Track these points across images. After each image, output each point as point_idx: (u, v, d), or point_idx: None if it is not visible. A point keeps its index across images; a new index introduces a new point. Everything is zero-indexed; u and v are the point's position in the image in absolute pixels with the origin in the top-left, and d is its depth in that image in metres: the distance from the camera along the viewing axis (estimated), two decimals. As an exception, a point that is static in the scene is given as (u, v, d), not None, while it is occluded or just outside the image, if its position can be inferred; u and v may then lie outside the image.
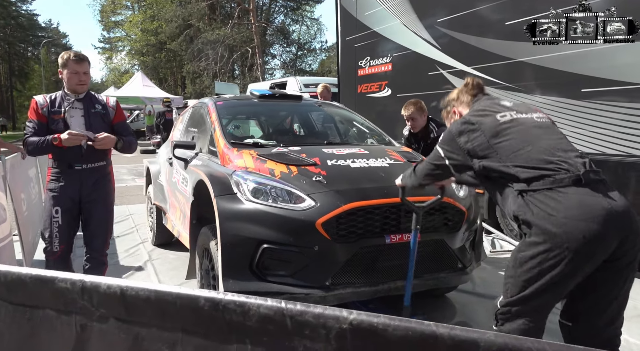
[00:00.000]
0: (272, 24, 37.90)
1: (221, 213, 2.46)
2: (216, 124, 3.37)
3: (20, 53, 63.86)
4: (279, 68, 39.56)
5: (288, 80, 11.18)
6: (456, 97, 2.07)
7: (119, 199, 7.47)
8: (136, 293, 0.77)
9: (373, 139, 3.70)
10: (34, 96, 2.74)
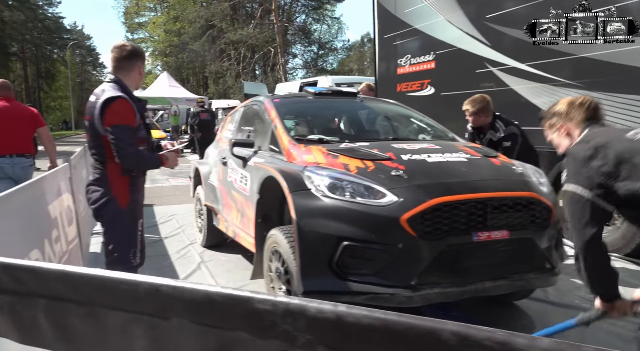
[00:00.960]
0: (293, 24, 37.87)
1: (298, 209, 2.40)
2: (277, 122, 3.32)
3: (46, 55, 65.36)
4: (301, 67, 39.58)
5: (319, 79, 11.12)
6: (565, 113, 1.84)
7: (157, 199, 7.53)
8: (357, 319, 0.69)
9: (436, 134, 3.60)
10: (120, 94, 2.41)
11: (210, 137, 9.24)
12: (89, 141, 2.56)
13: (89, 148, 2.59)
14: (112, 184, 2.50)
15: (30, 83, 63.57)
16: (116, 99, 2.42)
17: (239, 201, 3.60)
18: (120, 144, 2.38)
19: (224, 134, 4.54)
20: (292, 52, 39.72)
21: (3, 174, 4.48)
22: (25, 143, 4.61)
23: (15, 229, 1.87)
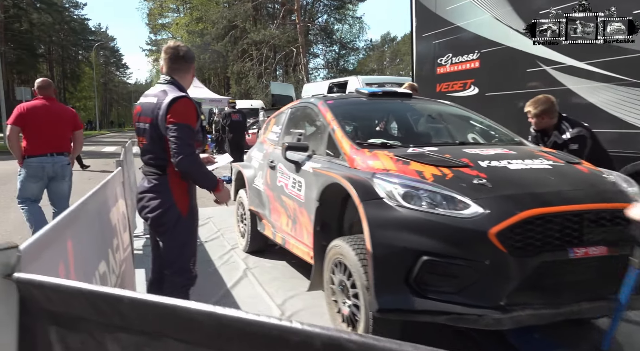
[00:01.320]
0: (315, 24, 37.75)
1: (371, 220, 2.22)
2: (334, 125, 3.15)
3: (72, 56, 66.75)
4: (323, 67, 39.42)
5: (349, 79, 10.93)
6: None
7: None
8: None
9: (503, 138, 3.38)
10: (185, 94, 2.33)
11: (241, 138, 9.15)
12: (146, 145, 2.42)
13: (146, 153, 2.45)
14: (173, 190, 2.37)
15: (56, 84, 64.88)
16: (181, 98, 2.31)
17: (290, 207, 3.45)
18: (178, 142, 2.25)
19: (269, 137, 4.39)
20: (313, 52, 39.59)
21: (42, 174, 4.48)
22: (65, 142, 4.64)
23: (87, 241, 1.74)
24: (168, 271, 2.44)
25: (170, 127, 2.27)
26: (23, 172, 4.49)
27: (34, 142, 4.40)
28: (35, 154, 4.35)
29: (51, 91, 4.64)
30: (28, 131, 4.39)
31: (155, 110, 2.33)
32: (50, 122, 4.44)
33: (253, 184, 4.25)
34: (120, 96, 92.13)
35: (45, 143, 4.42)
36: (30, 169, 4.43)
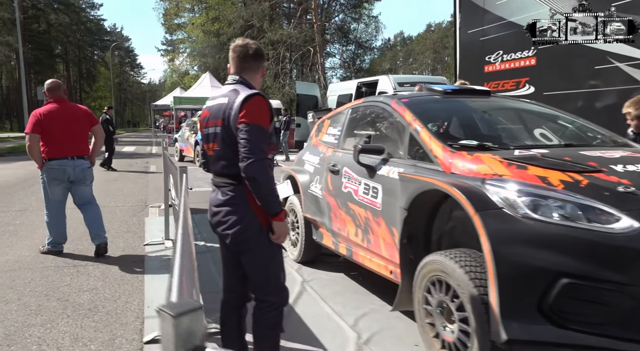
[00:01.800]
0: (332, 23, 37.46)
1: (492, 234, 1.91)
2: (418, 125, 2.83)
3: (88, 56, 67.36)
4: (339, 67, 39.10)
5: (379, 79, 10.61)
6: None
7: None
8: None
9: (607, 138, 3.03)
10: (258, 92, 2.09)
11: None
12: (218, 151, 2.13)
13: (217, 161, 2.15)
14: (251, 201, 2.08)
15: (72, 84, 65.59)
16: (255, 96, 2.04)
17: (360, 216, 3.14)
18: (249, 145, 1.97)
19: (324, 139, 4.10)
20: (329, 52, 39.28)
21: (64, 177, 4.39)
22: (83, 144, 4.50)
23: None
24: (259, 294, 2.15)
25: (241, 128, 1.99)
26: (45, 176, 4.41)
27: (54, 147, 4.35)
28: (55, 157, 4.31)
29: (62, 92, 4.52)
30: (47, 136, 4.34)
31: (227, 110, 2.06)
32: (66, 125, 4.36)
33: (309, 190, 3.95)
34: (135, 95, 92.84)
35: (65, 146, 4.33)
36: (51, 172, 4.34)
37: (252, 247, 2.10)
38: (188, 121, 16.03)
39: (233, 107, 2.04)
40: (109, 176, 11.01)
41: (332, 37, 38.17)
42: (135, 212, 6.67)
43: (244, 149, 1.98)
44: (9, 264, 4.25)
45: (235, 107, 2.03)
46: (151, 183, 9.73)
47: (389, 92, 9.98)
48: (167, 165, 4.72)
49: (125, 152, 18.92)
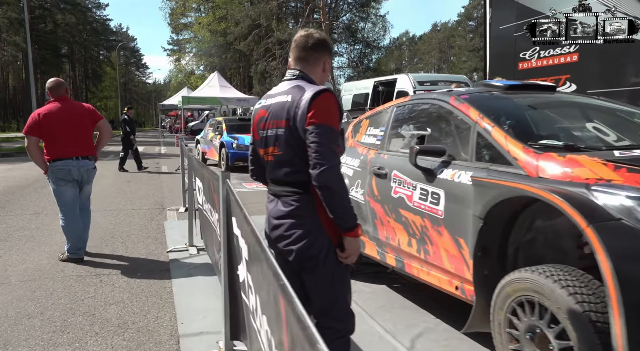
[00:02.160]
0: (340, 22, 37.19)
1: (614, 251, 1.62)
2: (487, 123, 2.54)
3: (94, 56, 67.41)
4: (347, 66, 38.80)
5: (398, 77, 10.32)
6: None
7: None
8: None
9: None
10: (328, 87, 1.83)
11: None
12: (280, 156, 1.86)
13: (278, 167, 1.88)
14: (319, 212, 1.81)
15: (78, 84, 65.65)
16: (324, 92, 1.78)
17: (415, 224, 2.86)
18: (321, 149, 1.71)
19: (364, 141, 3.82)
20: (337, 51, 38.97)
21: (70, 177, 4.20)
22: (88, 144, 4.31)
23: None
24: (324, 319, 1.88)
25: (311, 129, 1.73)
26: (52, 178, 4.22)
27: (57, 147, 4.14)
28: (59, 158, 4.15)
29: (63, 90, 4.32)
30: (48, 137, 4.16)
31: (293, 109, 1.79)
32: (68, 125, 4.17)
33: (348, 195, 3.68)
34: (140, 95, 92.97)
35: (68, 146, 4.15)
36: (57, 173, 4.16)
37: (318, 265, 1.83)
38: (211, 120, 14.65)
39: (300, 106, 1.77)
40: (121, 177, 10.79)
41: (339, 37, 37.86)
42: (153, 216, 6.42)
43: (315, 154, 1.71)
44: (29, 273, 4.00)
45: (302, 105, 1.77)
46: (165, 185, 9.49)
47: (408, 91, 9.69)
48: (192, 166, 4.46)
49: (134, 153, 18.70)
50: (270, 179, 1.96)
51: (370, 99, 11.22)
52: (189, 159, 4.66)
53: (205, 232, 4.09)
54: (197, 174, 4.27)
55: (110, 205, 7.14)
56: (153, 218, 6.26)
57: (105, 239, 5.13)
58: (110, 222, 6.01)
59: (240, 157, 10.59)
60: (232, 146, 10.90)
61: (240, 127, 11.92)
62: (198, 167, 4.17)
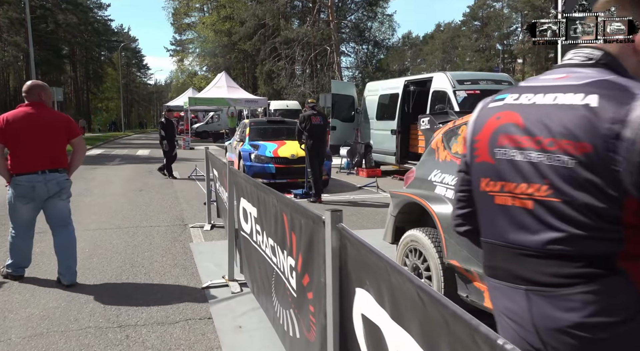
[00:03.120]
0: (348, 20, 36.39)
1: None
2: None
3: (95, 57, 66.60)
4: (354, 67, 37.95)
5: (434, 76, 9.45)
6: None
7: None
8: None
9: None
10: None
11: (322, 145, 7.76)
12: (556, 204, 0.99)
13: (541, 220, 1.02)
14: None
15: (80, 85, 64.84)
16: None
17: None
18: None
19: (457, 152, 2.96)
20: (344, 51, 38.15)
21: (33, 194, 3.67)
22: (58, 156, 3.79)
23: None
24: None
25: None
26: (10, 192, 3.65)
27: (21, 158, 3.65)
28: (23, 172, 3.65)
29: (37, 95, 3.69)
30: (13, 145, 3.63)
31: (602, 128, 0.94)
32: (38, 133, 3.59)
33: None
34: (141, 97, 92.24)
35: (35, 159, 3.65)
36: (18, 189, 3.66)
37: None
38: (241, 124, 11.44)
39: (629, 123, 0.92)
40: (131, 184, 9.92)
41: (347, 36, 37.04)
42: (175, 235, 5.56)
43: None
44: (35, 321, 3.14)
45: (633, 125, 0.92)
46: (180, 194, 8.64)
47: (447, 91, 8.84)
48: (237, 183, 3.59)
49: (141, 157, 17.86)
50: (509, 241, 1.08)
51: (401, 100, 10.35)
52: (230, 173, 3.80)
53: (250, 267, 3.24)
54: (244, 194, 3.38)
55: (125, 221, 6.29)
56: (176, 238, 5.40)
57: (125, 270, 4.28)
58: (128, 244, 5.15)
59: (259, 172, 8.42)
60: (250, 158, 8.75)
61: (267, 132, 9.81)
62: (246, 185, 3.28)
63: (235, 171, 3.77)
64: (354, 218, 6.53)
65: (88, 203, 7.72)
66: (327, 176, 8.73)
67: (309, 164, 7.63)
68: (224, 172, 4.38)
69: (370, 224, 6.14)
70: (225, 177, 4.17)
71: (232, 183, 3.74)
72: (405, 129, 10.53)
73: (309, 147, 7.57)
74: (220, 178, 4.98)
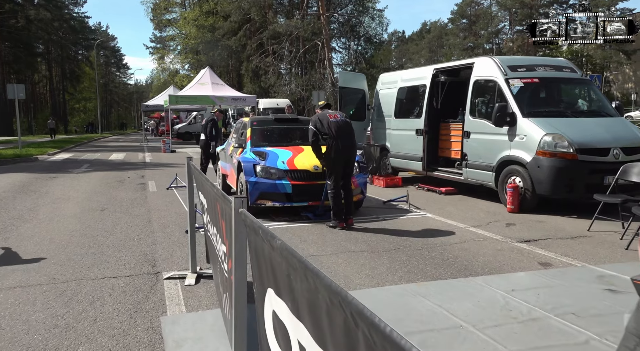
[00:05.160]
0: (340, 14, 34.51)
1: None
2: None
3: (72, 56, 63.45)
4: (347, 63, 36.05)
5: (476, 62, 7.56)
6: None
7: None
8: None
9: None
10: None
11: (352, 150, 5.79)
12: None
13: None
14: None
15: (55, 85, 61.65)
16: None
17: None
18: None
19: None
20: (334, 47, 36.24)
21: None
22: None
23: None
24: None
25: None
26: None
27: None
28: None
29: None
30: None
31: None
32: None
33: None
34: (121, 97, 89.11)
35: None
36: None
37: None
38: (237, 123, 8.74)
39: None
40: (92, 201, 7.77)
41: (338, 31, 35.14)
42: (139, 297, 3.53)
43: None
44: None
45: None
46: (155, 215, 6.58)
47: (496, 80, 6.95)
48: (242, 231, 1.61)
49: (113, 162, 15.62)
50: None
51: (429, 93, 8.44)
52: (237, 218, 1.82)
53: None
54: (255, 246, 1.41)
55: (65, 269, 4.22)
56: (139, 305, 3.37)
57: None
58: (59, 317, 3.12)
59: (268, 191, 6.02)
60: (254, 171, 6.13)
61: (275, 135, 7.23)
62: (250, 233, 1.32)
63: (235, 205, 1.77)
64: (415, 262, 4.37)
65: (24, 232, 5.60)
66: (362, 195, 6.53)
67: (331, 175, 5.61)
68: (217, 206, 2.38)
69: (444, 271, 4.18)
70: (220, 214, 2.24)
71: (237, 227, 1.75)
72: (434, 128, 8.62)
73: (334, 152, 5.55)
74: (210, 210, 2.96)
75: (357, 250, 4.71)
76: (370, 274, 3.99)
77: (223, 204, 2.09)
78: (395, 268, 4.12)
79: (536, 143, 6.15)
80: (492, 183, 6.92)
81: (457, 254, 4.52)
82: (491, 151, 6.89)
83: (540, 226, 5.71)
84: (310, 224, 5.88)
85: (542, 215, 6.21)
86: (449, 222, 5.98)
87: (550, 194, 6.19)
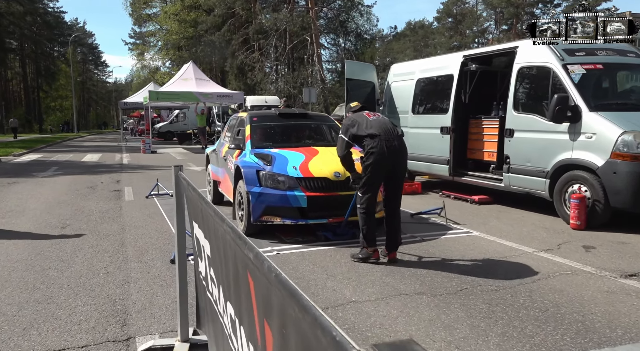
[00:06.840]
0: (330, 8, 33.25)
1: None
2: None
3: (47, 53, 60.82)
4: (336, 59, 34.78)
5: (520, 45, 6.33)
6: None
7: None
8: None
9: None
10: None
11: (401, 157, 4.41)
12: None
13: None
14: None
15: (30, 82, 58.96)
16: None
17: None
18: None
19: None
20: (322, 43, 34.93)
21: None
22: None
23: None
24: None
25: None
26: None
27: None
28: None
29: None
30: None
31: None
32: None
33: None
34: (100, 95, 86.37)
35: None
36: None
37: None
38: (231, 120, 7.04)
39: None
40: (53, 215, 6.29)
41: (327, 27, 33.85)
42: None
43: None
44: None
45: None
46: (130, 234, 5.18)
47: (551, 66, 5.73)
48: None
49: (86, 164, 14.01)
50: None
51: (456, 81, 7.20)
52: None
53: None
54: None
55: (3, 332, 2.81)
56: None
57: None
58: None
59: (277, 205, 4.73)
60: (258, 179, 4.85)
61: (280, 134, 5.91)
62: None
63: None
64: (500, 313, 3.21)
65: (-50, 264, 4.14)
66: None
67: (365, 185, 4.18)
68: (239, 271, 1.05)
69: (555, 333, 2.90)
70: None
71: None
72: (462, 126, 7.38)
73: (376, 155, 4.07)
74: (219, 266, 1.61)
75: (410, 292, 3.41)
76: (450, 339, 2.68)
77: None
78: (482, 327, 2.83)
79: (611, 143, 4.94)
80: (546, 192, 5.69)
81: (553, 301, 3.25)
82: (545, 153, 5.67)
83: (630, 250, 4.48)
84: (331, 247, 4.57)
85: (619, 234, 5.00)
86: (506, 244, 4.73)
87: (630, 207, 4.98)
